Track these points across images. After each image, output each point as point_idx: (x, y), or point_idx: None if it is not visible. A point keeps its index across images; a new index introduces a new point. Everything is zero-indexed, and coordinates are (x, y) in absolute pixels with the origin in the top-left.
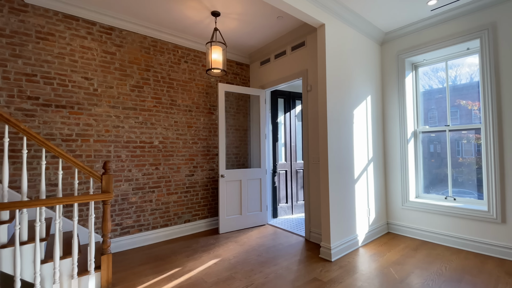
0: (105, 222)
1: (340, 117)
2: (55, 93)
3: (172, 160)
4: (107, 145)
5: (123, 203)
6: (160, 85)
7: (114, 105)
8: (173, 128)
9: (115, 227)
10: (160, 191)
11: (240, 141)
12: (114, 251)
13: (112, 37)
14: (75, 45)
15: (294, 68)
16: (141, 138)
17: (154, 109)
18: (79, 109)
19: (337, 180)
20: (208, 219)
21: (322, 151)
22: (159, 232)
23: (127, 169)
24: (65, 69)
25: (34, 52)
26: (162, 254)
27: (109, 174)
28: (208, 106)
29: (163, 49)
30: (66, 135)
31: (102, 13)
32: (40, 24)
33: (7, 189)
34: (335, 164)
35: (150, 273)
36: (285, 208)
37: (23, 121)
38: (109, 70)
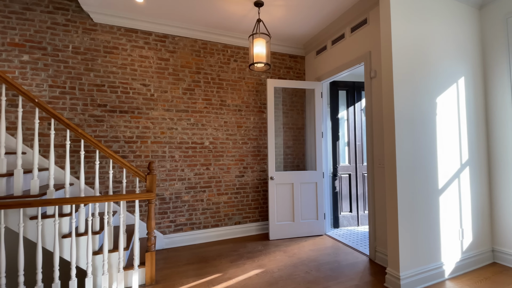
0: (149, 220)
1: (415, 108)
2: (119, 100)
3: (222, 161)
4: (162, 146)
5: (177, 201)
6: (210, 86)
7: (168, 108)
8: (223, 129)
9: (170, 223)
10: (211, 191)
11: (294, 140)
12: (168, 247)
13: (166, 44)
14: (134, 55)
15: (354, 52)
16: (192, 139)
17: (204, 111)
18: (139, 113)
19: (409, 190)
20: (259, 222)
21: (388, 152)
22: (210, 232)
23: (180, 169)
24: (127, 77)
25: (102, 65)
26: (208, 256)
27: (153, 174)
28: (258, 105)
29: (212, 50)
30: (128, 137)
31: (157, 23)
32: (107, 39)
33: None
34: (407, 169)
35: (192, 275)
36: (348, 218)
37: (95, 126)
38: (164, 75)
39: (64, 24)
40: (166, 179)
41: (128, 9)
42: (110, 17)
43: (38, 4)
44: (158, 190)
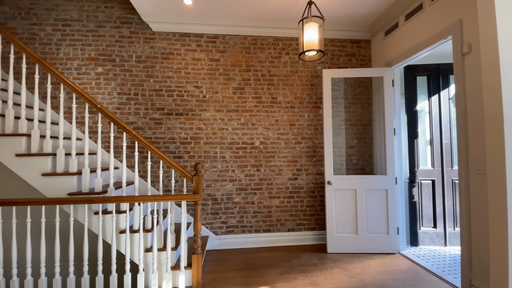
0: (195, 222)
1: None
2: (175, 103)
3: (273, 162)
4: (214, 146)
5: (228, 202)
6: (260, 84)
7: (219, 109)
8: (273, 128)
9: (221, 224)
10: (262, 193)
11: (358, 139)
12: (220, 248)
13: (217, 44)
14: (188, 58)
15: (437, 25)
16: (243, 139)
17: (254, 109)
18: (192, 115)
19: None
20: (316, 231)
21: (492, 153)
22: (261, 237)
23: (231, 170)
24: (181, 81)
25: (160, 71)
26: (257, 263)
27: (199, 175)
28: (313, 100)
29: (263, 45)
30: (183, 138)
31: (207, 24)
32: (164, 46)
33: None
34: None
35: (238, 283)
36: (431, 235)
37: (154, 128)
38: (215, 76)
39: (128, 36)
40: (218, 179)
41: (179, 13)
42: (165, 24)
43: (108, 20)
44: (210, 190)
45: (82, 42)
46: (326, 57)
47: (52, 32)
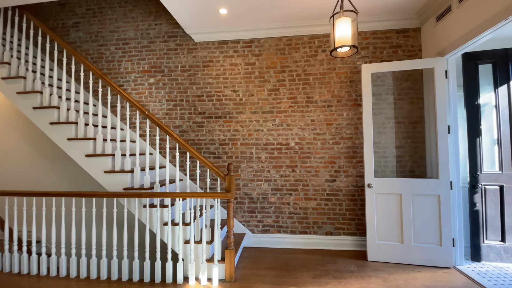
0: (228, 219)
1: None
2: (214, 107)
3: (309, 163)
4: (250, 147)
5: (264, 201)
6: (295, 84)
7: (254, 111)
8: (309, 128)
9: (258, 223)
10: (298, 194)
11: (406, 138)
12: (256, 246)
13: (252, 48)
14: (226, 65)
15: (500, 1)
16: (277, 140)
17: (289, 110)
18: (230, 118)
19: None
20: (356, 237)
21: None
22: (297, 238)
23: (266, 170)
24: (220, 86)
25: (201, 78)
26: (290, 264)
27: (231, 175)
28: (353, 97)
29: (298, 45)
30: (222, 140)
31: (243, 30)
32: (204, 55)
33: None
34: None
35: (269, 282)
36: (498, 250)
37: (197, 131)
38: (250, 79)
39: (174, 49)
40: (254, 179)
41: (217, 23)
42: (205, 35)
43: (157, 36)
44: (247, 190)
45: (137, 57)
46: (367, 51)
47: (114, 50)
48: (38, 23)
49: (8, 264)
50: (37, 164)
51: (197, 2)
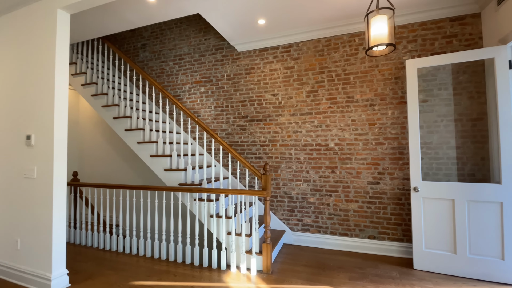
0: (265, 216)
1: None
2: (255, 111)
3: (350, 164)
4: (289, 148)
5: (303, 201)
6: (334, 84)
7: (293, 113)
8: (350, 128)
9: (297, 222)
10: (338, 196)
11: (463, 138)
12: (296, 244)
13: (291, 52)
14: (266, 70)
15: None
16: (316, 141)
17: (328, 111)
18: (270, 120)
19: None
20: (403, 243)
21: None
22: (338, 240)
23: (305, 171)
24: (261, 91)
25: (244, 84)
26: (327, 264)
27: (267, 175)
28: (398, 95)
29: (337, 45)
30: (262, 141)
31: (282, 36)
32: (246, 63)
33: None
34: None
35: (303, 277)
36: None
37: (240, 133)
38: (289, 83)
39: (221, 60)
40: (293, 179)
41: (257, 33)
42: (247, 44)
43: (207, 50)
44: (286, 189)
45: (191, 70)
46: (415, 44)
47: (173, 65)
48: (114, 49)
49: (96, 241)
50: (116, 162)
51: (238, 17)
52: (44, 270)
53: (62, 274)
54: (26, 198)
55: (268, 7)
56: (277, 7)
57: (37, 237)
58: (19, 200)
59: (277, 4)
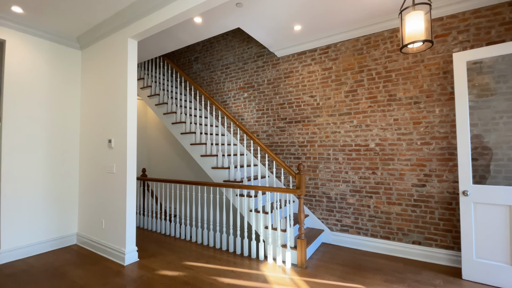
0: (299, 213)
1: None
2: (294, 113)
3: (392, 165)
4: (327, 149)
5: (342, 202)
6: (374, 82)
7: (331, 114)
8: (392, 128)
9: (336, 222)
10: (379, 198)
11: None
12: (334, 243)
13: (329, 53)
14: (304, 73)
15: None
16: (356, 141)
17: (368, 110)
18: (308, 121)
19: None
20: (453, 251)
21: None
22: (378, 243)
23: (344, 171)
24: (299, 93)
25: (283, 88)
26: (364, 265)
27: (301, 174)
28: (447, 91)
29: (377, 42)
30: (301, 142)
31: (319, 38)
32: (286, 67)
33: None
34: None
35: (336, 275)
36: None
37: (280, 135)
38: (327, 83)
39: (262, 66)
40: (331, 179)
41: (294, 38)
42: (286, 49)
43: (249, 58)
44: (325, 189)
45: (235, 77)
46: (467, 34)
47: (220, 74)
48: (172, 64)
49: (159, 227)
50: (175, 160)
51: (274, 26)
52: (120, 245)
53: (133, 250)
54: (108, 189)
55: (303, 14)
56: (312, 13)
57: (115, 219)
58: (103, 190)
59: (311, 11)
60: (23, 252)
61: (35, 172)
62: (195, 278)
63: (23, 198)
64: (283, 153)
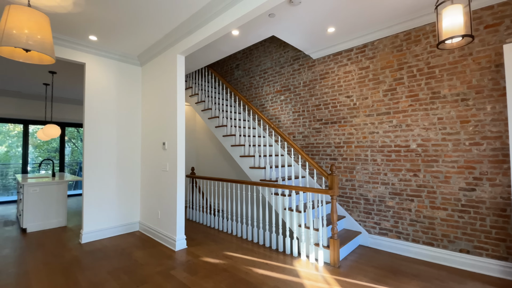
0: (332, 213)
1: None
2: (330, 114)
3: (436, 167)
4: (364, 150)
5: (380, 204)
6: (416, 80)
7: (369, 114)
8: (436, 127)
9: (374, 225)
10: (421, 201)
11: None
12: (372, 246)
13: (366, 52)
14: (340, 74)
15: None
16: (395, 142)
17: (409, 109)
18: (344, 122)
19: None
20: (507, 263)
21: None
22: (420, 249)
23: (382, 173)
24: (335, 94)
25: (319, 89)
26: (401, 270)
27: (333, 175)
28: (501, 85)
29: (418, 37)
30: (337, 143)
31: (355, 38)
32: (321, 69)
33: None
34: None
35: (369, 277)
36: None
37: (316, 136)
38: (364, 83)
39: (297, 69)
40: (369, 181)
41: (329, 39)
42: (321, 51)
43: (286, 62)
44: (362, 191)
45: (273, 81)
46: None
47: (259, 79)
48: (215, 74)
49: (205, 219)
50: (219, 160)
51: (307, 31)
52: (172, 234)
53: (182, 238)
54: (162, 185)
55: (336, 17)
56: (345, 15)
57: (168, 211)
58: (159, 185)
59: (345, 13)
60: (99, 235)
61: (107, 170)
62: (233, 267)
63: (99, 192)
64: (319, 154)
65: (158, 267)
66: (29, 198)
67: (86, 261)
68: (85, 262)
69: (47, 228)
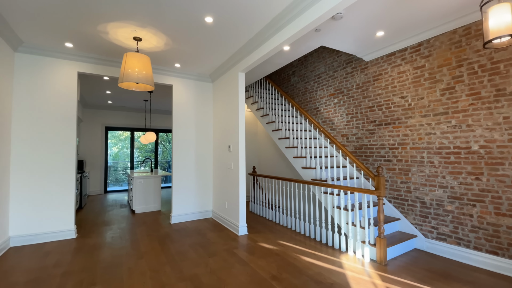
0: (378, 213)
1: None
2: (384, 115)
3: (502, 170)
4: (420, 151)
5: (438, 208)
6: (477, 77)
7: (425, 114)
8: (501, 128)
9: (431, 229)
10: (484, 207)
11: None
12: (429, 251)
13: (421, 51)
14: (394, 74)
15: None
16: (454, 143)
17: (470, 108)
18: (399, 123)
19: None
20: None
21: None
22: (483, 257)
23: (440, 176)
24: (388, 95)
25: (372, 91)
26: (455, 276)
27: (379, 176)
28: None
29: (479, 31)
30: (391, 144)
31: (408, 37)
32: (374, 70)
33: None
34: None
35: (417, 277)
36: None
37: (369, 137)
38: (419, 83)
39: (350, 72)
40: (426, 184)
41: (380, 42)
42: (374, 53)
43: (339, 65)
44: (418, 193)
45: (326, 85)
46: None
47: (313, 84)
48: (272, 83)
49: (264, 212)
50: (276, 160)
51: (355, 38)
52: (236, 221)
53: (244, 226)
54: (228, 180)
55: (384, 20)
56: (394, 18)
57: (233, 202)
58: (226, 181)
59: (393, 16)
60: (183, 218)
61: (189, 167)
62: (284, 252)
63: (184, 184)
64: (373, 156)
65: (225, 246)
66: (137, 187)
67: (174, 236)
68: (173, 237)
69: (148, 211)
